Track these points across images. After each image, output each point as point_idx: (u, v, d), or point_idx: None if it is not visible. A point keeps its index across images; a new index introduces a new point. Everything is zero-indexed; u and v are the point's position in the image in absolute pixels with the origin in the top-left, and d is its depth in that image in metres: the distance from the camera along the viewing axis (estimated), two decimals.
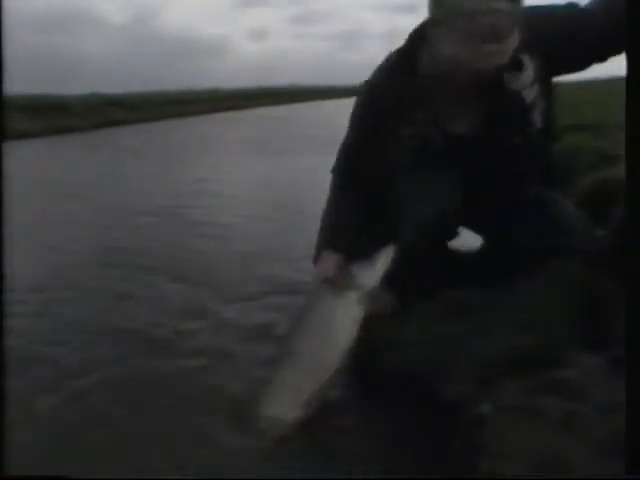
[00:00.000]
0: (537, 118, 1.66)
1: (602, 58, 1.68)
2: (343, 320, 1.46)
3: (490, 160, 1.64)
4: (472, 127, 1.64)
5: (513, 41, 1.45)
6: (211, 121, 18.65)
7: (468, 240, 1.99)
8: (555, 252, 1.64)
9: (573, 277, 1.56)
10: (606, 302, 1.46)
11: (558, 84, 1.75)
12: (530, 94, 1.62)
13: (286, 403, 1.38)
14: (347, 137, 1.83)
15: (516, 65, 1.56)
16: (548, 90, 1.69)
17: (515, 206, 1.77)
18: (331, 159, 1.89)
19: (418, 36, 1.63)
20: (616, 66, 1.66)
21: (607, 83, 9.30)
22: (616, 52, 1.63)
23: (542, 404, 1.15)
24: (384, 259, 1.50)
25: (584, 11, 1.64)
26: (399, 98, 1.65)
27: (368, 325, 1.46)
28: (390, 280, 1.52)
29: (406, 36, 1.69)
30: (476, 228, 1.97)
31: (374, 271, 1.49)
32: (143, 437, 1.41)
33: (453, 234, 1.89)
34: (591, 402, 1.13)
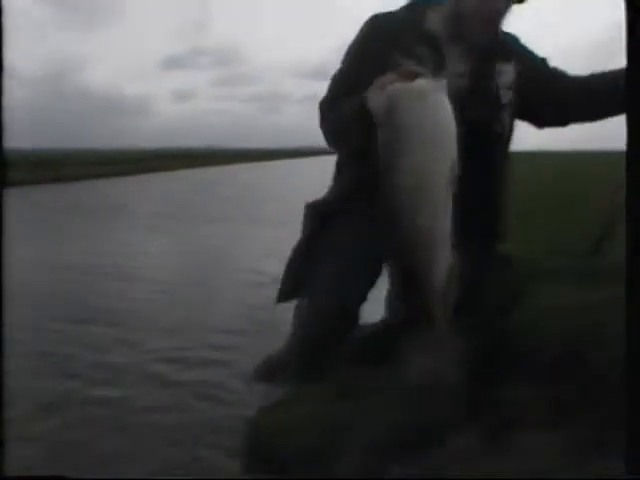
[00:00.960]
0: (505, 123, 1.67)
1: (563, 119, 1.73)
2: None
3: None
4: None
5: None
6: (130, 183, 18.38)
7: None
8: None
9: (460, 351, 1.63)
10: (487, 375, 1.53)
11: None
12: (505, 96, 1.64)
13: None
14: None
15: (506, 55, 1.62)
16: (512, 120, 1.71)
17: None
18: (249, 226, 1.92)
19: None
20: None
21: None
22: (575, 120, 1.71)
23: None
24: None
25: (559, 70, 1.74)
26: (403, 42, 1.58)
27: None
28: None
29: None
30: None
31: None
32: None
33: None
34: None
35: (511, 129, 1.72)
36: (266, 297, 4.33)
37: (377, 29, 1.64)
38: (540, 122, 1.81)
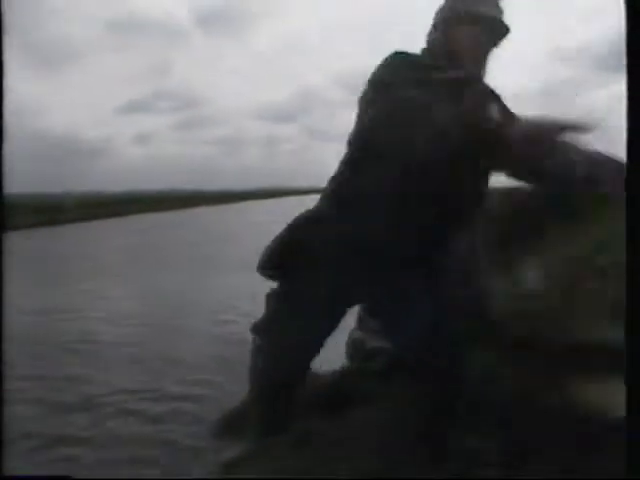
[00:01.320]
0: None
1: (514, 169, 1.66)
2: None
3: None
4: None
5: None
6: (91, 228, 18.06)
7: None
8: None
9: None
10: (440, 419, 1.54)
11: None
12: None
13: None
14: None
15: (494, 97, 1.63)
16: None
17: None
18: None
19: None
20: None
21: None
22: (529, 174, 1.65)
23: None
24: None
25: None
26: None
27: None
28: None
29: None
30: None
31: None
32: None
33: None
34: None
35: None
36: (228, 338, 4.46)
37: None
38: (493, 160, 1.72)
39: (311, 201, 1.81)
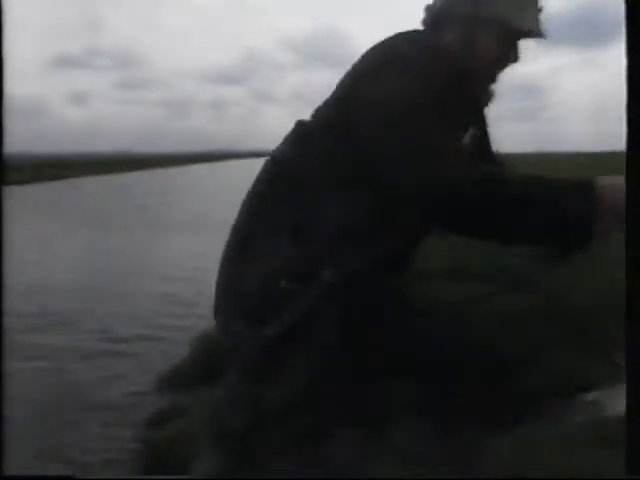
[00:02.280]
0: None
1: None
2: None
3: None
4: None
5: None
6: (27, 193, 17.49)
7: None
8: None
9: None
10: None
11: None
12: None
13: None
14: None
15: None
16: None
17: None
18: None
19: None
20: None
21: None
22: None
23: None
24: None
25: None
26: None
27: None
28: None
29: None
30: None
31: None
32: None
33: None
34: None
35: None
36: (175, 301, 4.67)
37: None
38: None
39: (257, 164, 1.75)
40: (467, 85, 1.40)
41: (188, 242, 7.50)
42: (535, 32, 1.40)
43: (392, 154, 1.29)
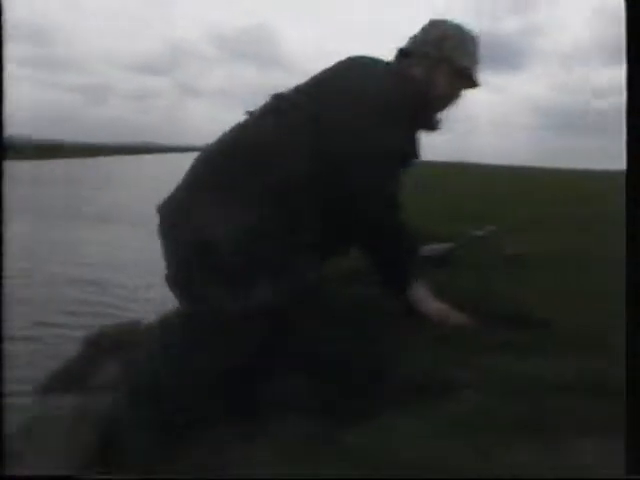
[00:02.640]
0: None
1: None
2: None
3: None
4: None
5: None
6: None
7: None
8: None
9: None
10: None
11: None
12: None
13: None
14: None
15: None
16: None
17: None
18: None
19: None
20: None
21: None
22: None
23: None
24: None
25: None
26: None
27: None
28: None
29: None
30: None
31: None
32: None
33: None
34: None
35: None
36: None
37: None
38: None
39: (179, 160, 2.58)
40: (426, 112, 1.64)
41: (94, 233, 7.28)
42: (474, 79, 1.68)
43: (357, 157, 1.44)
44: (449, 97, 1.71)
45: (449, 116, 1.73)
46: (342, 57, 1.65)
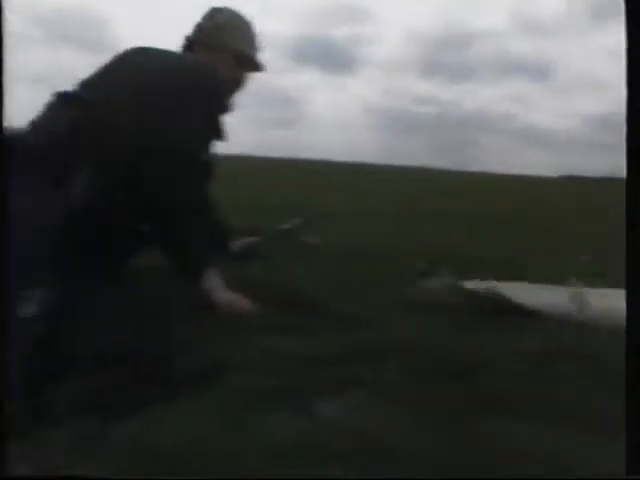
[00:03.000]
0: None
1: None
2: None
3: None
4: None
5: None
6: None
7: None
8: None
9: None
10: None
11: None
12: None
13: None
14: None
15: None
16: None
17: None
18: None
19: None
20: None
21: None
22: None
23: None
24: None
25: None
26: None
27: None
28: None
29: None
30: None
31: None
32: None
33: None
34: None
35: None
36: None
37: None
38: None
39: None
40: (218, 96, 1.69)
41: None
42: (256, 63, 1.81)
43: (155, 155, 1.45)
44: (235, 82, 1.80)
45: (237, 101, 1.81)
46: (171, 42, 1.77)
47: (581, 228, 4.56)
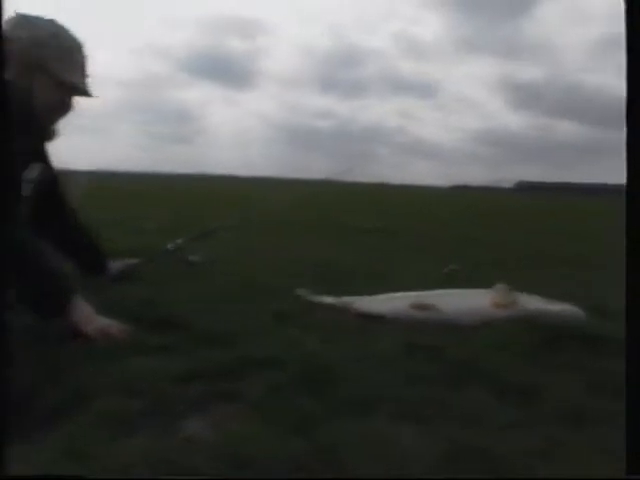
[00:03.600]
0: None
1: None
2: None
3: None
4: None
5: None
6: None
7: None
8: None
9: None
10: None
11: None
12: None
13: None
14: None
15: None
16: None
17: None
18: None
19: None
20: None
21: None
22: None
23: None
24: None
25: None
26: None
27: None
28: None
29: None
30: None
31: None
32: None
33: None
34: None
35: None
36: None
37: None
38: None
39: None
40: (34, 120, 1.56)
41: None
42: (82, 90, 1.62)
43: None
44: (57, 108, 1.62)
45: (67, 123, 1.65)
46: None
47: (467, 234, 4.90)
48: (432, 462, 0.94)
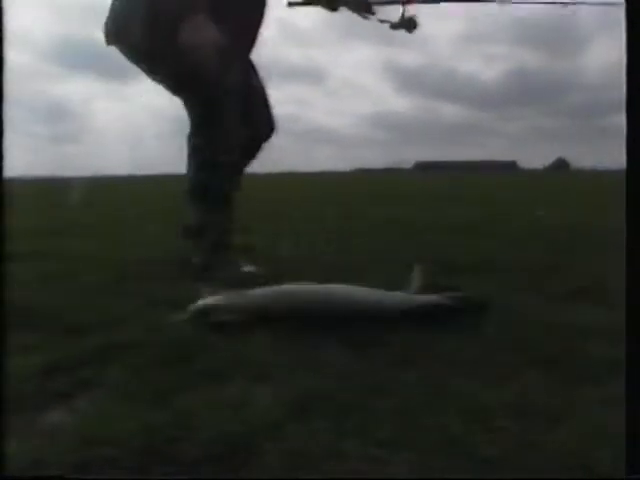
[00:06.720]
0: None
1: None
2: None
3: None
4: None
5: None
6: None
7: None
8: None
9: None
10: None
11: None
12: None
13: None
14: None
15: None
16: None
17: None
18: None
19: None
20: None
21: None
22: None
23: None
24: None
25: None
26: None
27: None
28: None
29: None
30: None
31: None
32: None
33: None
34: None
35: None
36: None
37: None
38: None
39: None
40: None
41: None
42: None
43: None
44: None
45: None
46: None
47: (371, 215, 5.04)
48: (285, 414, 1.01)
